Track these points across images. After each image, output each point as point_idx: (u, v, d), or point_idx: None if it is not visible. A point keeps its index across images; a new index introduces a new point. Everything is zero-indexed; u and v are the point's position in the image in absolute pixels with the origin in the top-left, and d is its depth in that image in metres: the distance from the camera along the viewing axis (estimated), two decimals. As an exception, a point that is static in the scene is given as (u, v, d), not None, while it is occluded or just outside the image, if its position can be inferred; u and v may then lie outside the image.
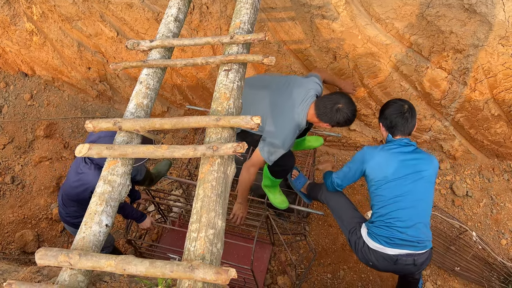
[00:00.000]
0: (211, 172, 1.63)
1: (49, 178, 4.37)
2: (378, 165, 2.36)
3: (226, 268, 1.37)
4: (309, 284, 3.48)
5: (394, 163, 2.32)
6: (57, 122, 4.74)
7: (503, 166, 3.76)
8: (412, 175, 2.30)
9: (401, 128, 2.35)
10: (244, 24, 2.16)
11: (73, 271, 1.46)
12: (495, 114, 3.30)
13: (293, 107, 2.44)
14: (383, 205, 2.33)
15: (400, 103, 2.38)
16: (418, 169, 2.32)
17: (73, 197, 2.55)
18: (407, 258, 2.31)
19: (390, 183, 2.31)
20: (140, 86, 2.00)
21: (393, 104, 2.40)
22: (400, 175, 2.30)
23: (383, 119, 2.42)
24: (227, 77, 1.93)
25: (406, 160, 2.32)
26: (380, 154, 2.36)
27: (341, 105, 2.36)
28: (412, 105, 2.41)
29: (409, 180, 2.30)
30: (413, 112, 2.38)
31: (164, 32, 2.24)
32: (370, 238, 2.38)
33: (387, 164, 2.33)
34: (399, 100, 2.43)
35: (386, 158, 2.34)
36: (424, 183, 2.32)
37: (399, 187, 2.30)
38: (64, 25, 4.07)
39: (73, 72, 4.58)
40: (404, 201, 2.29)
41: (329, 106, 2.37)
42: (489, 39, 2.78)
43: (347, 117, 2.39)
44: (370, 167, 2.38)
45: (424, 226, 2.32)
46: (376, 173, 2.36)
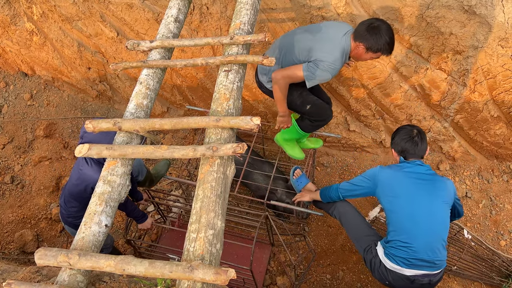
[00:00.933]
0: (210, 173, 1.64)
1: (48, 178, 4.37)
2: (391, 184, 2.36)
3: (225, 268, 1.37)
4: (308, 284, 3.49)
5: (408, 182, 2.32)
6: (57, 122, 4.74)
7: (502, 167, 3.76)
8: (427, 195, 2.30)
9: (412, 152, 2.38)
10: (244, 25, 2.16)
11: (73, 271, 1.46)
12: (495, 116, 3.31)
13: (340, 35, 2.49)
14: (399, 225, 2.33)
15: (409, 128, 2.43)
16: (433, 189, 2.32)
17: (75, 196, 2.55)
18: (424, 279, 2.31)
19: (405, 203, 2.31)
20: (140, 87, 2.01)
21: (402, 130, 2.45)
22: (415, 194, 2.30)
23: (394, 145, 2.46)
24: (227, 78, 1.93)
25: (420, 180, 2.32)
26: (393, 173, 2.37)
27: (377, 23, 2.39)
28: (421, 130, 2.44)
29: (425, 200, 2.30)
30: (423, 135, 2.41)
31: (164, 32, 2.24)
32: (388, 259, 2.36)
33: (401, 183, 2.33)
34: (408, 125, 2.48)
35: (400, 177, 2.35)
36: (440, 203, 2.32)
37: (415, 207, 2.30)
38: (64, 25, 4.07)
39: (73, 72, 4.58)
40: (421, 222, 2.28)
41: (366, 24, 2.41)
42: (488, 41, 2.78)
43: (386, 33, 2.37)
44: (383, 185, 2.39)
45: (441, 246, 2.31)
46: (391, 191, 2.36)
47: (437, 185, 2.33)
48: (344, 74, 3.42)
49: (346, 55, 2.52)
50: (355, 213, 2.69)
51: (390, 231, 2.39)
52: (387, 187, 2.37)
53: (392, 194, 2.34)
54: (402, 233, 2.30)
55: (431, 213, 2.29)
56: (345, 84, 3.52)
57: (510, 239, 3.44)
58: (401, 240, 2.30)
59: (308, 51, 2.52)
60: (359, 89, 3.52)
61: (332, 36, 2.51)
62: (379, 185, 2.40)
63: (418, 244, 2.26)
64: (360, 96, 3.59)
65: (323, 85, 3.53)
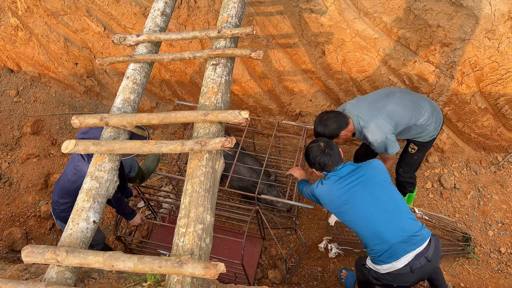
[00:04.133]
0: (199, 167, 1.63)
1: (36, 175, 4.32)
2: (331, 200, 2.45)
3: (214, 262, 1.37)
4: (299, 277, 3.50)
5: (343, 190, 2.40)
6: (44, 118, 4.67)
7: (489, 159, 3.81)
8: (363, 188, 2.37)
9: (330, 163, 2.48)
10: (232, 18, 2.15)
11: (61, 268, 1.45)
12: (482, 107, 3.34)
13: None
14: (362, 231, 2.38)
15: (316, 145, 2.54)
16: (365, 179, 2.39)
17: (71, 192, 2.52)
18: (419, 260, 2.29)
19: (351, 208, 2.37)
20: (127, 81, 1.99)
21: (310, 149, 2.54)
22: (354, 195, 2.37)
23: (312, 165, 2.55)
24: (215, 72, 1.92)
25: (350, 180, 2.40)
26: (327, 189, 2.46)
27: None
28: (326, 140, 2.58)
29: (364, 194, 2.36)
30: (330, 144, 2.53)
31: (151, 26, 2.22)
32: (377, 264, 2.39)
33: (338, 194, 2.41)
34: (313, 142, 2.59)
35: (333, 189, 2.43)
36: (379, 186, 2.38)
37: (361, 206, 2.35)
38: (49, 20, 4.01)
39: (60, 68, 4.52)
40: (374, 215, 2.32)
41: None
42: (475, 33, 2.80)
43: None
44: (325, 203, 2.50)
45: (408, 219, 2.33)
46: (335, 206, 2.43)
47: (366, 173, 2.41)
48: (333, 68, 3.42)
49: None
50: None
51: (363, 242, 2.46)
52: (330, 204, 2.46)
53: (338, 208, 2.42)
54: (369, 237, 2.35)
55: (376, 201, 2.34)
56: (334, 77, 3.52)
57: (497, 229, 3.50)
58: (373, 242, 2.34)
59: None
60: (348, 83, 3.52)
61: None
62: (323, 203, 2.52)
63: (386, 234, 2.29)
64: (349, 90, 3.60)
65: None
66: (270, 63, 3.54)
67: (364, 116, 2.76)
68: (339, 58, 3.32)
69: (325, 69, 3.47)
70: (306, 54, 3.39)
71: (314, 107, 3.86)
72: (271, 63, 3.54)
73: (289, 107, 3.95)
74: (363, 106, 2.81)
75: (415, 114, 2.82)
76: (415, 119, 2.82)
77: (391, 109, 2.77)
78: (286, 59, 3.49)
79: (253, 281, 3.40)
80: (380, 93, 2.93)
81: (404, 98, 2.87)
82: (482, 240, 3.47)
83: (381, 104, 2.79)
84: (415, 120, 2.83)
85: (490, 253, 3.40)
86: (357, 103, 2.87)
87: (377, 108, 2.77)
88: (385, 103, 2.79)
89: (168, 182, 4.20)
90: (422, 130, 2.91)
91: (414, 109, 2.82)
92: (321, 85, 3.67)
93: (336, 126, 2.73)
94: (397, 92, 2.92)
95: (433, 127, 2.91)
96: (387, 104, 2.79)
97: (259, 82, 3.80)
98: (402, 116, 2.79)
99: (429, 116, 2.86)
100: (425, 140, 3.00)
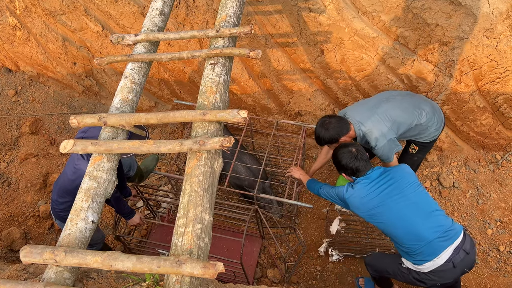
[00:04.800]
0: (198, 167, 1.63)
1: (35, 175, 4.31)
2: (364, 204, 2.46)
3: (213, 262, 1.37)
4: (298, 276, 3.51)
5: (374, 194, 2.43)
6: (42, 118, 4.67)
7: (488, 157, 3.81)
8: (395, 190, 2.41)
9: (363, 168, 2.50)
10: (230, 17, 2.15)
11: (59, 268, 1.45)
12: (481, 106, 3.34)
13: None
14: (397, 233, 2.40)
15: (347, 150, 2.54)
16: (395, 182, 2.43)
17: (70, 191, 2.52)
18: (458, 254, 2.33)
19: (385, 212, 2.40)
20: (125, 81, 1.98)
21: (342, 155, 2.54)
22: (387, 198, 2.40)
23: (343, 170, 2.57)
24: (213, 71, 1.92)
25: (381, 184, 2.44)
26: (359, 196, 2.47)
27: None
28: (356, 145, 2.58)
29: (397, 197, 2.40)
30: (361, 150, 2.55)
31: (149, 26, 2.21)
32: (419, 265, 2.41)
33: (370, 200, 2.44)
34: (343, 147, 2.58)
35: (366, 195, 2.45)
36: (409, 188, 2.42)
37: (395, 208, 2.39)
38: (48, 20, 4.00)
39: (58, 67, 4.51)
40: (408, 216, 2.36)
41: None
42: (474, 32, 2.80)
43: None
44: (357, 210, 2.51)
45: (439, 217, 2.38)
46: (368, 211, 2.45)
47: (396, 176, 2.46)
48: (332, 67, 3.42)
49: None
50: (381, 256, 2.81)
51: (397, 245, 2.47)
52: (360, 207, 2.48)
53: (369, 211, 2.45)
54: (404, 236, 2.37)
55: (409, 202, 2.38)
56: (332, 76, 3.52)
57: (496, 228, 3.50)
58: (410, 242, 2.36)
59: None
60: (347, 81, 3.52)
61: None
62: (352, 207, 2.52)
63: (422, 232, 2.33)
64: (347, 88, 3.60)
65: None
66: (268, 62, 3.54)
67: (366, 122, 2.77)
68: (338, 57, 3.32)
69: (323, 68, 3.47)
70: (304, 53, 3.38)
71: (313, 106, 3.86)
72: (269, 62, 3.54)
73: (288, 106, 3.95)
74: (364, 111, 2.82)
75: (416, 116, 2.84)
76: (416, 121, 2.84)
77: (392, 114, 2.78)
78: (285, 58, 3.49)
79: (252, 280, 3.40)
80: (380, 97, 2.94)
81: (404, 101, 2.88)
82: (481, 239, 3.47)
83: (382, 109, 2.80)
84: (416, 122, 2.84)
85: (489, 252, 3.40)
86: (358, 108, 2.88)
87: (378, 113, 2.78)
88: (386, 108, 2.80)
89: (167, 181, 4.20)
90: (424, 131, 2.92)
91: (414, 112, 2.84)
92: (320, 84, 3.67)
93: (337, 131, 2.75)
94: (397, 95, 2.93)
95: (434, 128, 2.92)
96: (388, 109, 2.80)
97: (258, 81, 3.79)
98: (403, 120, 2.80)
99: (430, 117, 2.87)
100: (426, 141, 3.01)
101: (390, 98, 2.89)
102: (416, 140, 3.03)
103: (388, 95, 2.95)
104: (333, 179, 4.01)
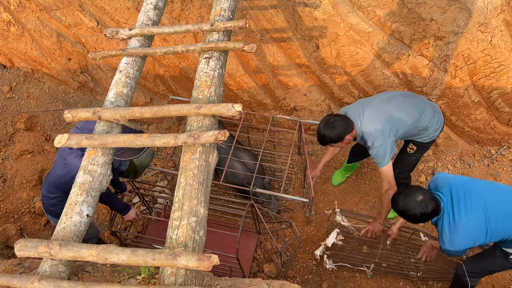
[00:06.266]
0: (192, 160, 1.63)
1: (31, 172, 4.30)
2: (478, 232, 2.35)
3: (208, 254, 1.37)
4: (294, 271, 3.52)
5: (477, 214, 2.33)
6: (38, 114, 4.65)
7: (483, 152, 3.83)
8: (481, 196, 2.36)
9: (438, 208, 2.36)
10: (225, 11, 2.14)
11: (54, 261, 1.45)
12: (475, 101, 3.35)
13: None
14: (501, 228, 2.34)
15: (414, 200, 2.33)
16: (470, 189, 2.38)
17: (60, 186, 2.52)
18: None
19: (491, 219, 2.33)
20: (120, 75, 1.98)
21: (409, 207, 2.34)
22: (485, 207, 2.33)
23: (420, 220, 2.38)
24: (208, 65, 1.92)
25: (467, 203, 2.35)
26: (465, 227, 2.33)
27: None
28: (420, 190, 2.37)
29: (486, 198, 2.36)
30: (427, 197, 2.34)
31: (143, 20, 2.21)
32: None
33: (478, 222, 2.34)
34: (408, 198, 2.36)
35: (468, 219, 2.33)
36: (483, 185, 2.44)
37: (497, 211, 2.33)
38: (42, 15, 3.97)
39: (53, 63, 4.49)
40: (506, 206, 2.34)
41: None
42: (468, 26, 2.81)
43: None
44: (479, 235, 2.36)
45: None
46: (485, 230, 2.35)
47: (458, 184, 2.41)
48: (327, 62, 3.42)
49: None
50: (475, 259, 2.79)
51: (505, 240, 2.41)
52: (481, 238, 2.36)
53: (487, 230, 2.34)
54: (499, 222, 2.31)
55: (495, 199, 2.36)
56: (328, 71, 3.52)
57: (490, 222, 3.52)
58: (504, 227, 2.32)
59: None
60: (342, 77, 3.53)
61: None
62: (473, 239, 2.38)
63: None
64: (343, 84, 3.61)
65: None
66: (264, 57, 3.54)
67: (366, 122, 2.77)
68: (333, 52, 3.32)
69: (319, 63, 3.47)
70: (300, 48, 3.38)
71: (308, 102, 3.87)
72: (265, 58, 3.54)
73: (284, 102, 3.95)
74: (365, 111, 2.81)
75: (417, 118, 2.83)
76: (416, 122, 2.83)
77: (393, 115, 2.77)
78: (280, 54, 3.49)
79: (248, 275, 3.41)
80: (382, 97, 2.93)
81: (405, 102, 2.87)
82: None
83: (383, 109, 2.79)
84: (416, 123, 2.84)
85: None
86: (359, 108, 2.86)
87: (378, 114, 2.77)
88: (387, 109, 2.79)
89: (163, 177, 4.20)
90: (423, 132, 2.92)
91: (416, 113, 2.83)
92: (315, 79, 3.67)
93: (343, 129, 2.74)
94: (399, 96, 2.92)
95: (434, 128, 2.92)
96: (389, 110, 2.79)
97: (253, 77, 3.79)
98: (403, 121, 2.80)
99: (430, 118, 2.87)
100: (425, 141, 3.00)
101: (392, 98, 2.88)
102: (415, 140, 3.02)
103: (390, 95, 2.93)
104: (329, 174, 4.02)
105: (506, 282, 3.28)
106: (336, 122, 2.74)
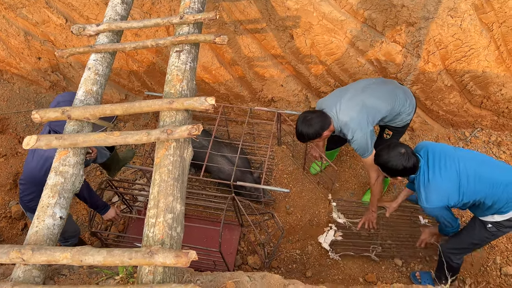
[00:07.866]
0: (166, 157, 1.60)
1: (5, 175, 4.17)
2: (451, 189, 2.45)
3: (186, 250, 1.36)
4: (278, 261, 3.54)
5: (450, 174, 2.43)
6: (9, 116, 4.51)
7: (458, 135, 3.91)
8: (456, 160, 2.45)
9: (417, 164, 2.47)
10: (194, 3, 2.11)
11: (27, 266, 1.41)
12: (448, 85, 3.41)
13: None
14: (480, 189, 2.42)
15: (397, 151, 2.44)
16: (446, 155, 2.48)
17: (40, 180, 2.45)
18: None
19: (463, 179, 2.42)
20: (89, 73, 1.93)
21: (392, 159, 2.45)
22: (460, 168, 2.43)
23: (401, 174, 2.50)
24: (179, 59, 1.89)
25: (442, 164, 2.45)
26: (439, 181, 2.44)
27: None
28: (403, 145, 2.49)
29: (465, 162, 2.45)
30: (410, 151, 2.46)
31: (111, 15, 2.15)
32: (503, 214, 2.46)
33: (450, 181, 2.44)
34: (392, 150, 2.47)
35: (442, 176, 2.44)
36: (461, 151, 2.54)
37: (471, 171, 2.42)
38: (7, 13, 3.84)
39: (22, 63, 4.35)
40: (484, 171, 2.42)
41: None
42: (438, 11, 2.84)
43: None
44: (452, 192, 2.46)
45: (505, 165, 2.54)
46: (457, 187, 2.45)
47: (437, 150, 2.52)
48: (302, 52, 3.42)
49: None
50: (459, 237, 2.84)
51: (483, 207, 2.49)
52: (452, 189, 2.45)
53: (459, 188, 2.44)
54: (490, 190, 2.40)
55: (476, 160, 2.48)
56: (303, 61, 3.52)
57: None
58: (497, 194, 2.40)
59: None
60: (318, 66, 3.53)
61: None
62: (446, 196, 2.48)
63: (504, 177, 2.42)
64: (319, 73, 3.61)
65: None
66: (239, 49, 3.51)
67: (343, 115, 2.78)
68: (308, 42, 3.31)
69: (294, 54, 3.47)
70: (274, 39, 3.37)
71: (285, 92, 3.86)
72: (240, 49, 3.51)
73: (261, 93, 3.94)
74: (342, 103, 2.82)
75: (391, 103, 2.88)
76: (390, 107, 2.88)
77: (368, 104, 2.80)
78: (255, 45, 3.46)
79: (233, 268, 3.41)
80: (356, 86, 2.95)
81: (379, 89, 2.91)
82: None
83: (358, 100, 2.81)
84: (390, 108, 2.88)
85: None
86: (334, 100, 2.87)
87: (354, 106, 2.79)
88: (362, 99, 2.81)
89: (142, 175, 4.14)
90: (397, 116, 2.97)
91: (389, 99, 2.87)
92: (291, 69, 3.67)
93: (320, 126, 2.76)
94: (371, 84, 2.95)
95: (407, 113, 2.98)
96: (364, 99, 2.81)
97: (229, 69, 3.76)
98: (379, 108, 2.84)
99: (403, 102, 2.92)
100: (399, 126, 3.05)
101: (365, 87, 2.90)
102: (390, 125, 3.07)
103: (364, 84, 2.96)
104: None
105: (484, 260, 3.38)
106: (313, 119, 2.76)
